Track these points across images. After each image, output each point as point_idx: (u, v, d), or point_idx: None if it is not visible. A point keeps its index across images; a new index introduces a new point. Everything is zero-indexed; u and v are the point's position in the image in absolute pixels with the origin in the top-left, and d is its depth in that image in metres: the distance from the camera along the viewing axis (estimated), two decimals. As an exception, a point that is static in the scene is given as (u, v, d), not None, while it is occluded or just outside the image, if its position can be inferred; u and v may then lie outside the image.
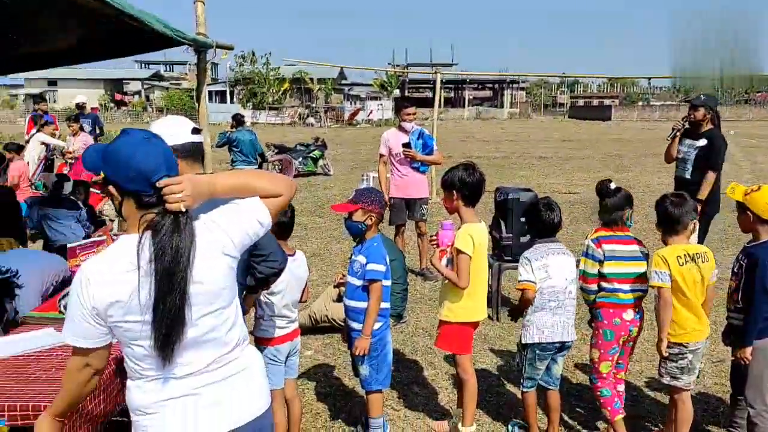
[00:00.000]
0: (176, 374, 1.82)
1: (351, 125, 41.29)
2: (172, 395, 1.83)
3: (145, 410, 1.84)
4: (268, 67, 45.27)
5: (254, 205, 1.91)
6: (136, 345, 1.78)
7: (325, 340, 5.31)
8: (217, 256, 1.83)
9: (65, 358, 2.92)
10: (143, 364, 1.81)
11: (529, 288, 3.47)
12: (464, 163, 3.65)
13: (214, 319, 1.84)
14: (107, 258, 1.78)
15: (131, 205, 1.78)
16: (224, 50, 6.12)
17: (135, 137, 1.80)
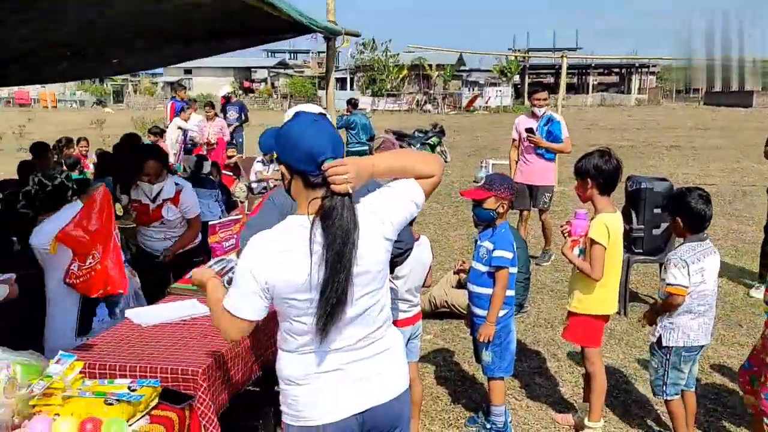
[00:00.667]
0: (329, 349, 1.90)
1: (468, 112, 40.86)
2: (323, 369, 1.91)
3: (297, 381, 1.93)
4: (387, 54, 45.72)
5: (410, 186, 1.93)
6: (298, 321, 1.87)
7: (444, 325, 5.33)
8: (378, 239, 1.88)
9: (209, 327, 3.14)
10: (301, 339, 1.90)
11: (680, 293, 3.19)
12: (600, 149, 3.50)
13: (369, 300, 1.91)
14: (279, 237, 1.85)
15: (299, 185, 1.85)
16: (347, 38, 6.26)
17: (305, 119, 1.88)
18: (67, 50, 4.89)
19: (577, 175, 3.48)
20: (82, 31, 4.33)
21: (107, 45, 5.02)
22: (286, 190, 1.93)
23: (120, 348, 2.88)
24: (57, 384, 2.21)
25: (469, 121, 32.58)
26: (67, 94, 49.35)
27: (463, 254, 7.10)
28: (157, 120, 23.06)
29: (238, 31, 5.43)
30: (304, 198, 1.85)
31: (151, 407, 2.28)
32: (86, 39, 4.65)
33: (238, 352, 3.02)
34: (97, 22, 3.94)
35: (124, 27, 4.24)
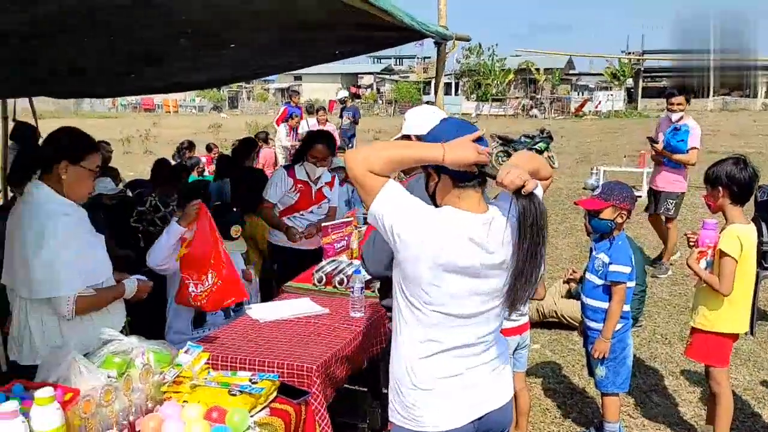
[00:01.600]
0: (452, 353, 1.90)
1: (577, 117, 39.60)
2: (446, 374, 1.91)
3: (418, 385, 1.92)
4: (493, 58, 45.18)
5: (538, 191, 1.94)
6: (435, 311, 1.85)
7: (552, 335, 5.18)
8: (509, 239, 1.88)
9: (321, 326, 3.23)
10: (433, 334, 1.88)
11: None
12: (734, 156, 3.28)
13: (493, 303, 1.92)
14: (444, 221, 1.83)
15: (448, 184, 1.88)
16: (455, 42, 6.24)
17: (453, 123, 1.96)
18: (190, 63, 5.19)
19: (707, 182, 3.28)
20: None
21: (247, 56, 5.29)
22: (430, 194, 1.95)
23: (240, 342, 3.02)
24: (186, 373, 2.35)
25: (577, 127, 31.55)
26: (187, 100, 52.44)
27: (572, 263, 6.87)
28: (268, 125, 24.04)
29: (354, 38, 5.54)
30: (451, 194, 1.88)
31: (270, 400, 2.36)
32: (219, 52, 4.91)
33: (348, 351, 3.08)
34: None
35: (257, 39, 4.46)
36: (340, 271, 3.97)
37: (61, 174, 2.52)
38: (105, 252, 2.71)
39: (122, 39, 3.29)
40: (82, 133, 2.65)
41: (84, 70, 4.37)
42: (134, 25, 2.99)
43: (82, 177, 2.57)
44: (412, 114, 2.97)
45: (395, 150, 1.84)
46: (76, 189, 2.58)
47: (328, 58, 6.39)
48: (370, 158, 1.78)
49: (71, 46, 3.38)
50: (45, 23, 2.72)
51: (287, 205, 4.70)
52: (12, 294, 2.62)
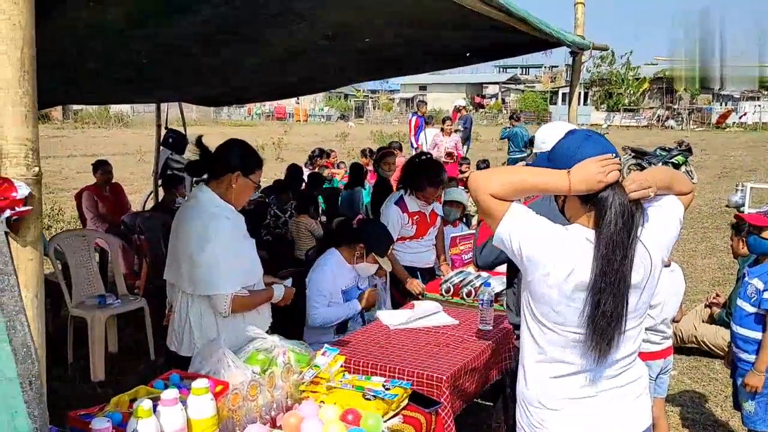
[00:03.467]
0: (585, 374, 1.84)
1: (718, 128, 36.94)
2: (578, 395, 1.85)
3: (547, 405, 1.88)
4: (627, 66, 43.23)
5: (674, 204, 1.89)
6: (567, 331, 1.80)
7: (692, 362, 4.87)
8: (656, 265, 1.82)
9: (450, 337, 3.23)
10: (560, 355, 1.83)
11: None
12: None
13: (631, 323, 1.82)
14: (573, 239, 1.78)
15: (575, 201, 1.80)
16: (591, 51, 6.02)
17: (578, 135, 1.86)
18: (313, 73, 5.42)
19: None
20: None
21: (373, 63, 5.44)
22: (560, 209, 1.89)
23: (372, 347, 3.10)
24: (323, 374, 2.44)
25: (719, 139, 29.44)
26: (316, 109, 54.56)
27: (713, 286, 6.43)
28: (393, 134, 24.43)
29: (485, 45, 5.52)
30: (580, 213, 1.80)
31: (402, 407, 2.40)
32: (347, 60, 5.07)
33: (477, 365, 3.07)
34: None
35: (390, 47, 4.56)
36: (468, 283, 3.96)
37: (232, 182, 2.74)
38: (257, 255, 2.89)
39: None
40: (252, 148, 2.89)
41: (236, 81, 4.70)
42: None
43: (247, 188, 2.81)
44: (541, 132, 2.92)
45: (519, 176, 1.81)
46: (241, 197, 2.82)
47: (456, 63, 6.39)
48: (492, 182, 1.77)
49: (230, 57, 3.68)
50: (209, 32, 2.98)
51: (405, 237, 4.47)
52: (173, 289, 2.85)
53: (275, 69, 4.55)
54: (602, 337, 1.73)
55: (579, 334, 1.78)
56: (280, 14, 2.83)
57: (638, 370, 1.94)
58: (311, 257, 4.76)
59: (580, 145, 1.79)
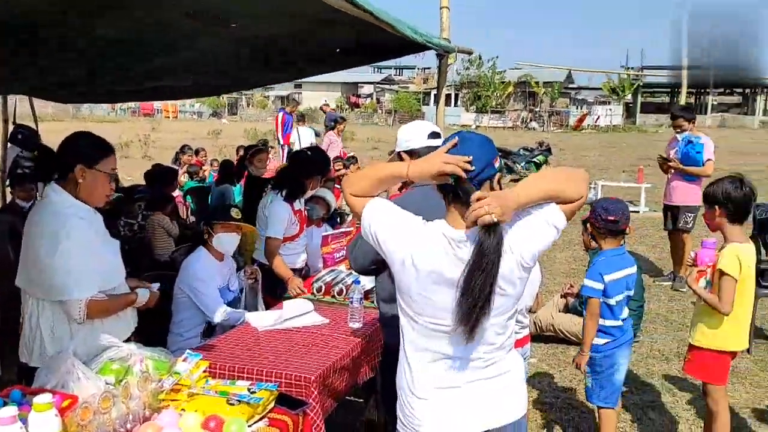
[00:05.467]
0: (450, 365, 1.90)
1: (576, 131, 39.72)
2: (443, 385, 1.91)
3: (416, 394, 1.95)
4: (493, 70, 45.35)
5: (553, 212, 1.86)
6: (428, 321, 1.88)
7: (549, 349, 5.18)
8: (512, 267, 1.84)
9: (320, 337, 3.22)
10: (428, 344, 1.91)
11: None
12: (731, 175, 3.30)
13: (494, 320, 1.88)
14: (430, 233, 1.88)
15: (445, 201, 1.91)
16: (456, 54, 6.26)
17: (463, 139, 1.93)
18: (190, 74, 5.18)
19: (705, 201, 3.30)
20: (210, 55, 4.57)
21: (241, 67, 5.28)
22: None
23: (239, 351, 3.01)
24: (184, 381, 2.34)
25: (576, 141, 31.64)
26: (186, 105, 52.48)
27: (569, 277, 6.89)
28: (267, 132, 24.05)
29: (354, 50, 5.56)
30: (447, 211, 1.90)
31: (269, 410, 2.35)
32: (219, 61, 4.90)
33: (346, 363, 3.08)
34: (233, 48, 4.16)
35: (257, 50, 4.45)
36: (340, 281, 3.97)
37: (78, 178, 2.53)
38: (118, 257, 2.71)
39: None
40: (97, 136, 2.66)
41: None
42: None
43: (98, 181, 2.57)
44: (401, 132, 2.98)
45: (369, 171, 2.03)
46: (94, 193, 2.59)
47: (328, 68, 6.40)
48: (351, 182, 2.01)
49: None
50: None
51: (289, 236, 4.36)
52: (25, 296, 2.61)
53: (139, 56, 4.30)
54: (464, 331, 1.80)
55: (440, 325, 1.85)
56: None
57: (509, 362, 1.99)
58: (178, 258, 4.57)
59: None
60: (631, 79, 44.64)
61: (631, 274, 3.40)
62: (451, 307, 1.82)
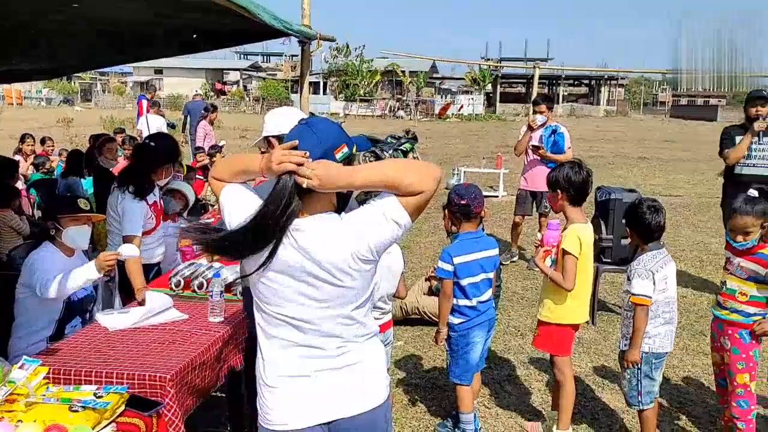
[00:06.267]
0: (300, 355, 1.90)
1: (441, 119, 41.12)
2: (293, 373, 1.90)
3: (268, 383, 1.94)
4: (361, 59, 45.78)
5: (390, 204, 1.80)
6: (273, 310, 1.89)
7: (415, 332, 5.33)
8: (346, 258, 1.82)
9: (178, 333, 3.10)
10: (276, 332, 1.91)
11: (646, 303, 3.23)
12: (571, 161, 3.55)
13: (334, 311, 1.88)
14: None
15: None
16: (321, 42, 6.25)
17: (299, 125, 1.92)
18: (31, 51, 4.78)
19: (549, 186, 3.52)
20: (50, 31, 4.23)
21: (75, 44, 4.92)
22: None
23: (87, 353, 2.82)
24: (20, 390, 2.16)
25: (441, 129, 32.76)
26: (33, 91, 48.34)
27: (434, 261, 7.10)
28: (125, 120, 22.73)
29: (210, 32, 5.37)
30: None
31: (118, 414, 2.23)
32: (56, 39, 4.55)
33: (207, 358, 2.99)
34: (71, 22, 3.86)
35: (95, 24, 4.16)
36: (200, 275, 3.83)
37: None
38: None
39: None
40: None
41: None
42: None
43: None
44: (269, 116, 2.94)
45: (231, 160, 2.07)
46: None
47: (186, 49, 6.15)
48: (217, 165, 2.10)
49: None
50: None
51: (147, 231, 4.14)
52: None
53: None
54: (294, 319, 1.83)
55: (284, 315, 1.85)
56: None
57: (364, 352, 1.97)
58: (16, 257, 4.20)
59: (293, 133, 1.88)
60: (491, 71, 46.84)
61: (490, 257, 3.56)
62: (294, 296, 1.83)
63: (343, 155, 1.85)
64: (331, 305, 1.87)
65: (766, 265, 3.12)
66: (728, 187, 6.21)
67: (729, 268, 3.27)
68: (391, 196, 1.80)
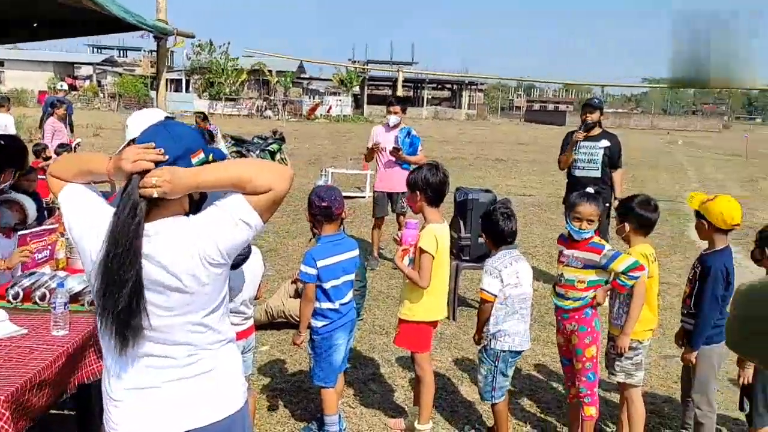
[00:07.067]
0: (145, 365, 1.81)
1: (310, 120, 41.02)
2: (138, 386, 1.81)
3: (112, 397, 1.84)
4: (226, 57, 44.57)
5: (237, 204, 1.76)
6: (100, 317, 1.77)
7: (281, 335, 5.27)
8: (196, 259, 1.76)
9: (15, 350, 2.84)
10: (108, 346, 1.82)
11: (489, 300, 3.43)
12: (429, 162, 3.66)
13: (183, 318, 1.80)
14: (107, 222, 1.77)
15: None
16: (181, 38, 6.03)
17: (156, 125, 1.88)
18: None
19: (408, 187, 3.62)
20: None
21: None
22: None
23: None
24: None
25: (309, 129, 32.69)
26: None
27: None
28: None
29: (56, 21, 5.00)
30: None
31: (-61, 445, 2.00)
32: None
33: (48, 375, 2.76)
34: None
35: None
36: (42, 285, 3.53)
37: None
38: None
39: None
40: None
41: None
42: None
43: None
44: (131, 120, 2.79)
45: (76, 159, 1.97)
46: None
47: (23, 40, 5.68)
48: (59, 162, 1.96)
49: None
50: None
51: None
52: None
53: None
54: (114, 331, 1.73)
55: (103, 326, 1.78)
56: None
57: (217, 360, 1.91)
58: None
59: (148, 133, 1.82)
60: (358, 72, 47.44)
61: (351, 258, 3.59)
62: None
63: (200, 161, 1.80)
64: (181, 312, 1.79)
65: (599, 252, 3.40)
66: (568, 187, 6.78)
67: (564, 261, 3.53)
68: (239, 195, 1.76)
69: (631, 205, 3.55)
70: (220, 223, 1.77)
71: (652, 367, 4.81)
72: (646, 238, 3.55)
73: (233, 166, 1.84)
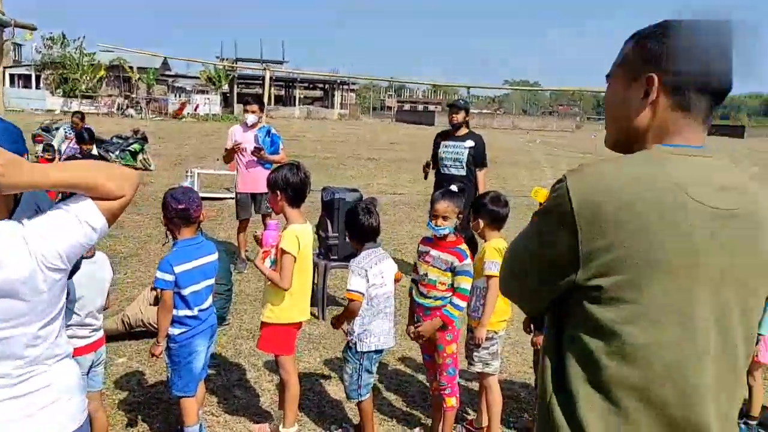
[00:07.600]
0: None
1: (177, 119, 39.37)
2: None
3: None
4: (80, 51, 41.71)
5: (86, 207, 1.68)
6: None
7: (140, 345, 5.00)
8: (32, 265, 1.61)
9: None
10: None
11: (357, 299, 3.42)
12: (289, 162, 3.62)
13: (14, 330, 1.64)
14: None
15: None
16: (26, 30, 5.55)
17: None
18: None
19: (268, 187, 3.55)
20: None
21: None
22: None
23: None
24: None
25: (176, 129, 31.39)
26: None
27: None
28: None
29: None
30: None
31: None
32: None
33: None
34: None
35: None
36: None
37: None
38: None
39: None
40: None
41: None
42: None
43: None
44: None
45: None
46: None
47: None
48: None
49: None
50: None
51: None
52: None
53: None
54: None
55: None
56: None
57: (52, 375, 1.76)
58: None
59: None
60: (227, 70, 46.24)
61: (210, 262, 3.47)
62: None
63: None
64: (14, 324, 1.62)
65: (461, 258, 3.52)
66: (436, 185, 6.99)
67: (428, 261, 3.62)
68: (87, 198, 1.69)
69: (484, 201, 3.71)
70: (63, 226, 1.66)
71: (510, 355, 5.06)
72: (500, 232, 3.72)
73: (84, 169, 1.72)
